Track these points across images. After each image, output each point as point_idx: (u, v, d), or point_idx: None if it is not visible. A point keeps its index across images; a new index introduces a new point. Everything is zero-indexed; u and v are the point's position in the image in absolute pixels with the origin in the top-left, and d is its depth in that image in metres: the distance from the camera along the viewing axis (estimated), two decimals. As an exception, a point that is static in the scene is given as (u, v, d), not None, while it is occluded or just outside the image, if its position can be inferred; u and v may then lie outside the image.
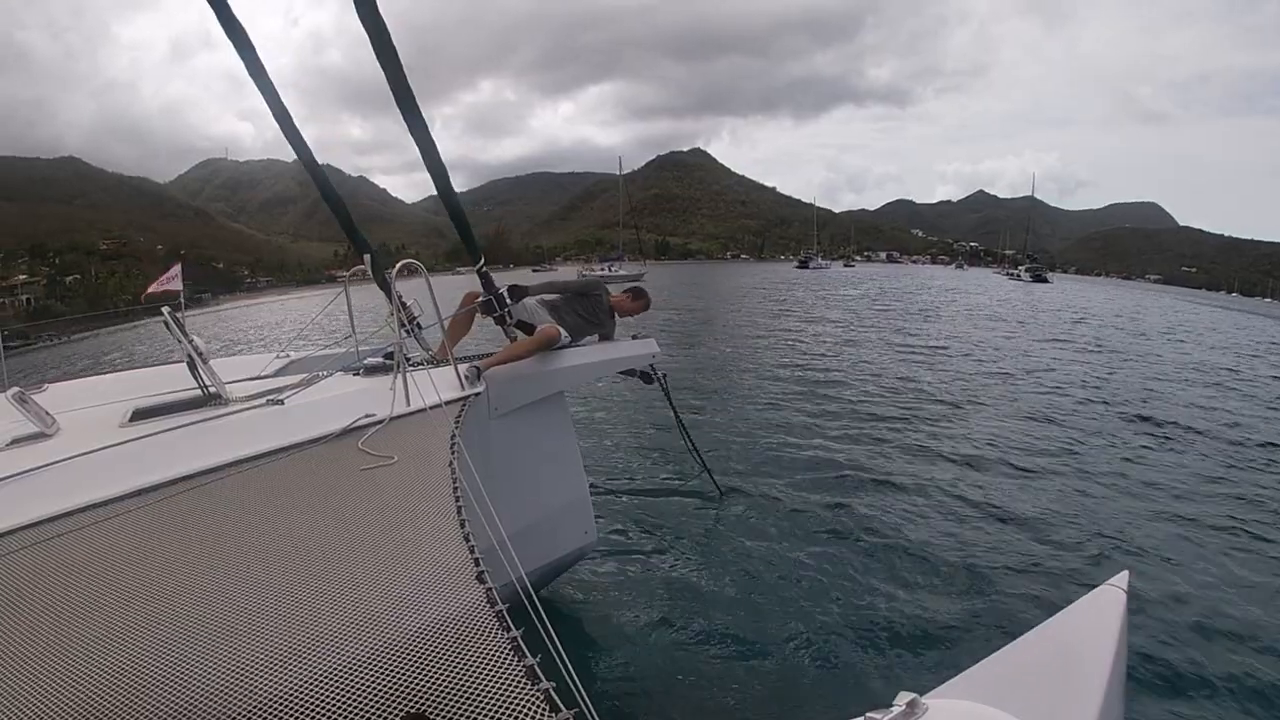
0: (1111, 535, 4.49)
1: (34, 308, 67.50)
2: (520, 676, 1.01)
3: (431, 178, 3.05)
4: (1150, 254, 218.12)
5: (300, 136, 3.31)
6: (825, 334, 16.78)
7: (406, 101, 2.79)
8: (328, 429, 2.32)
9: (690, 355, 13.06)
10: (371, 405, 2.50)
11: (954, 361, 12.31)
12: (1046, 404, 8.60)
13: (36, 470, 1.93)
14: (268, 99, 3.16)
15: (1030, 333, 18.01)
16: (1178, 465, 6.11)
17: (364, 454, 2.14)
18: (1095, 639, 1.28)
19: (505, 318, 3.46)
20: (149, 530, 1.69)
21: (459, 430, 2.26)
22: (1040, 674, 1.24)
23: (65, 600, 1.37)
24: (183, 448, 2.16)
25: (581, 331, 3.67)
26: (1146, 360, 13.41)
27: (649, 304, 4.02)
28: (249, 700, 1.02)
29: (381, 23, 2.64)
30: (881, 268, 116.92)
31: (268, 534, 1.63)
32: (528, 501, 3.15)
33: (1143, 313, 30.03)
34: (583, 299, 3.71)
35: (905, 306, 26.16)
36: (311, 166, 3.47)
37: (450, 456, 2.00)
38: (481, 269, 3.42)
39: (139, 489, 1.91)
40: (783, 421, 7.58)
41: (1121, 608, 1.39)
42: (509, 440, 3.07)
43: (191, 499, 1.88)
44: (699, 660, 3.14)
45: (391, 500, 1.78)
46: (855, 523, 4.64)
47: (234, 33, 2.94)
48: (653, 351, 3.90)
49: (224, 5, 2.85)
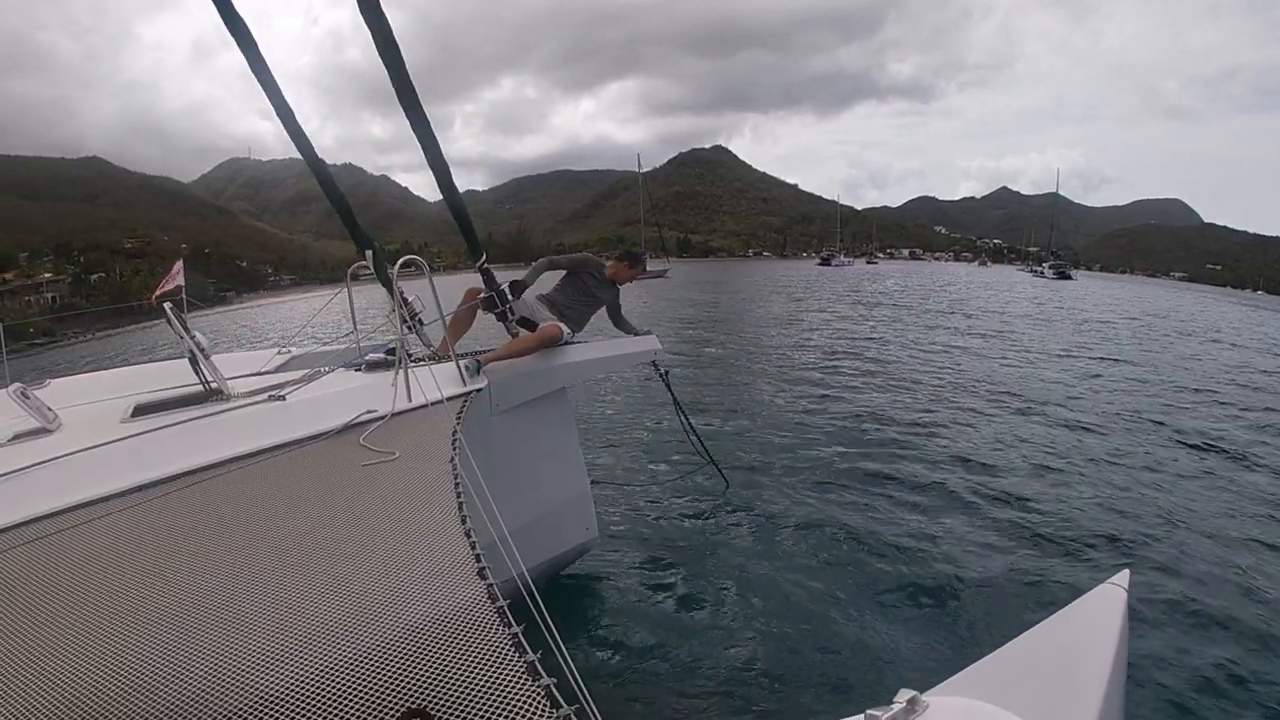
0: (1114, 534, 4.47)
1: (58, 305, 68.38)
2: (521, 672, 1.01)
3: (434, 174, 3.06)
4: (1175, 251, 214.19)
5: (303, 133, 3.33)
6: (845, 331, 16.63)
7: (409, 99, 2.79)
8: (329, 425, 2.32)
9: (708, 350, 13.09)
10: (373, 401, 2.50)
11: (972, 360, 12.13)
12: (1066, 403, 8.47)
13: (38, 466, 1.94)
14: (271, 97, 3.16)
15: (1057, 332, 17.34)
16: (1203, 470, 5.98)
17: (365, 450, 2.14)
18: (1096, 637, 1.28)
19: (507, 314, 3.46)
20: (150, 526, 1.70)
21: (460, 426, 2.26)
22: (1041, 672, 1.24)
23: (66, 595, 1.37)
24: (184, 444, 2.17)
25: (584, 319, 3.68)
26: (1181, 361, 12.91)
27: (645, 267, 4.04)
28: (250, 695, 1.02)
29: (384, 21, 2.64)
30: (904, 265, 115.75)
31: (269, 529, 1.63)
32: (529, 497, 3.16)
33: (1175, 310, 29.27)
34: (576, 278, 3.74)
35: (928, 304, 25.73)
36: (314, 163, 3.48)
37: (452, 452, 2.00)
38: (483, 265, 3.42)
39: (140, 485, 1.92)
40: (793, 417, 7.56)
41: (1122, 606, 1.39)
42: (510, 436, 3.08)
43: (193, 495, 1.88)
44: (700, 656, 3.15)
45: (393, 496, 1.78)
46: (859, 520, 4.63)
47: (238, 32, 2.94)
48: (654, 348, 3.91)
49: (228, 5, 2.85)
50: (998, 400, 8.66)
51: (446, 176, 3.09)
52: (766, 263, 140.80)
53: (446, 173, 3.09)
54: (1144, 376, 10.88)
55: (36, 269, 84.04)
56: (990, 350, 13.51)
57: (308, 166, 3.53)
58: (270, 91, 3.15)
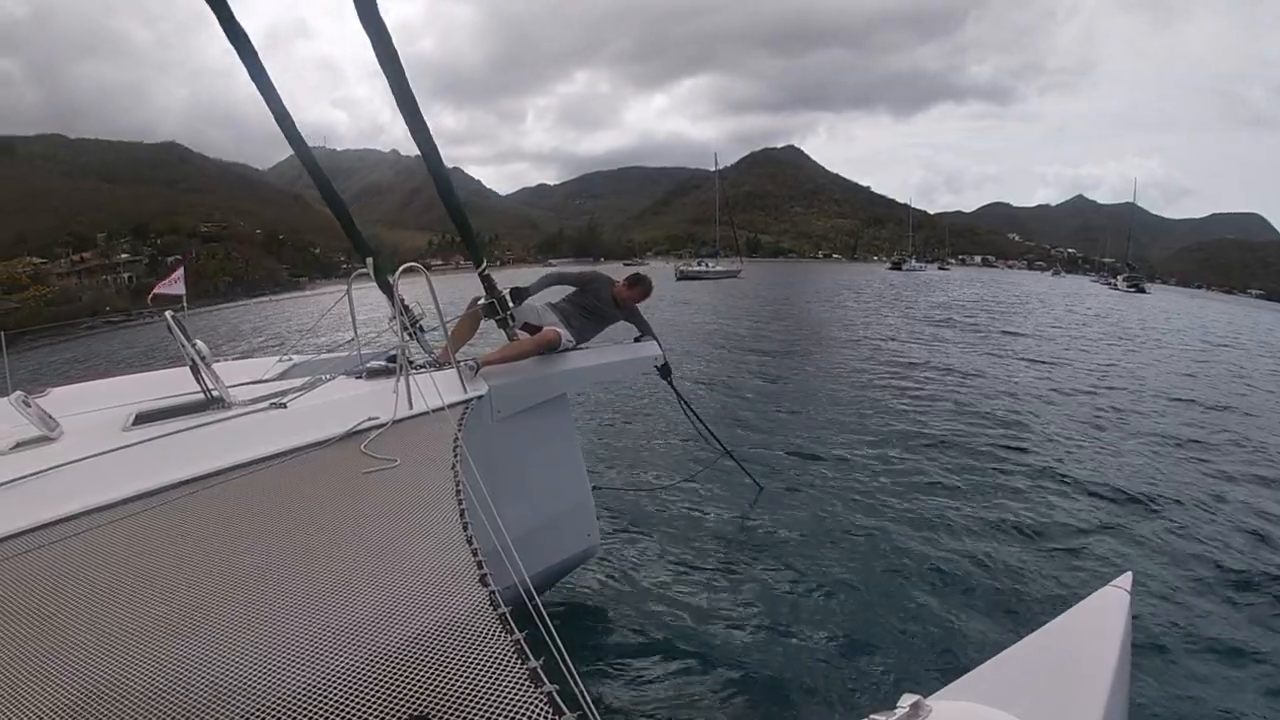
0: (1119, 540, 4.48)
1: (134, 286, 69.93)
2: (523, 679, 1.01)
3: (433, 178, 3.06)
4: (1254, 267, 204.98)
5: (299, 135, 3.34)
6: (915, 339, 15.85)
7: (407, 102, 2.79)
8: (330, 432, 2.32)
9: (779, 348, 13.16)
10: (374, 408, 2.50)
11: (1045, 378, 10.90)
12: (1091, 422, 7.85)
13: (40, 474, 1.93)
14: (264, 95, 3.17)
15: (1158, 357, 14.52)
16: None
17: (367, 457, 2.13)
18: (1099, 640, 1.29)
19: (508, 320, 3.46)
20: (151, 534, 1.69)
21: (461, 433, 2.26)
22: (1044, 675, 1.25)
23: (68, 603, 1.37)
24: (185, 451, 2.17)
25: (588, 331, 3.67)
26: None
27: (649, 290, 3.95)
28: (251, 703, 1.02)
29: (382, 25, 2.64)
30: (977, 272, 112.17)
31: (270, 537, 1.63)
32: (531, 504, 3.16)
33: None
34: (584, 293, 3.75)
35: (1011, 320, 22.08)
36: (309, 163, 3.49)
37: (453, 459, 2.00)
38: (483, 272, 3.43)
39: (141, 493, 1.91)
40: (824, 423, 7.54)
41: (1125, 609, 1.39)
42: (511, 443, 3.08)
43: (194, 503, 1.88)
44: (702, 662, 3.14)
45: (394, 503, 1.78)
46: (859, 525, 4.63)
47: (231, 31, 2.94)
48: (655, 354, 3.90)
49: (222, 3, 2.85)
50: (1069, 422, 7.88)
51: (446, 182, 3.10)
52: (837, 265, 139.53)
53: (446, 179, 3.10)
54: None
55: (114, 250, 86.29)
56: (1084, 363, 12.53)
57: (304, 167, 3.55)
58: (265, 91, 3.15)
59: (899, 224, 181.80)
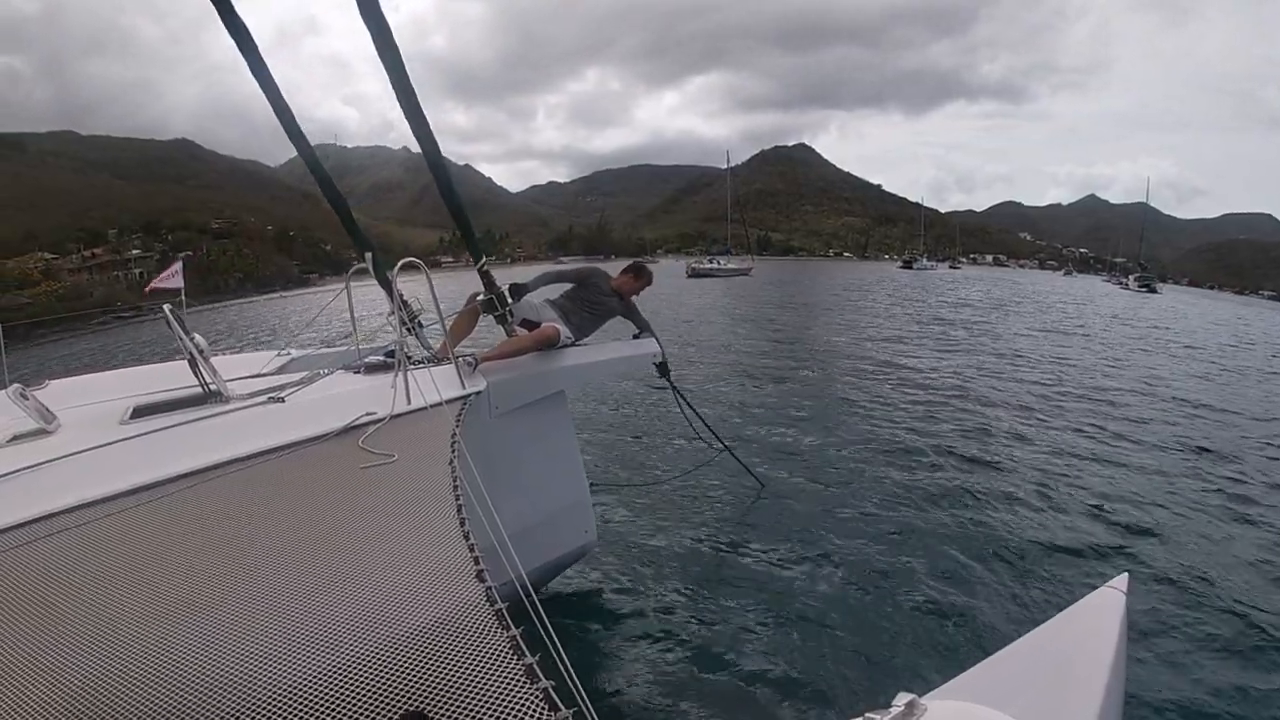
0: (1120, 538, 4.45)
1: (145, 281, 70.75)
2: (519, 675, 1.01)
3: (433, 174, 3.06)
4: (1266, 268, 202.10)
5: (301, 132, 3.34)
6: (924, 339, 15.66)
7: (408, 98, 2.79)
8: (328, 427, 2.32)
9: (788, 347, 13.17)
10: (372, 404, 2.50)
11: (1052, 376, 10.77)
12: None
13: (37, 467, 1.94)
14: (265, 90, 3.17)
15: (1173, 357, 14.34)
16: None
17: (364, 452, 2.14)
18: (1094, 641, 1.27)
19: (506, 316, 3.46)
20: (149, 527, 1.69)
21: (459, 429, 2.26)
22: (1039, 676, 1.24)
23: (64, 597, 1.37)
24: (183, 445, 2.17)
25: (587, 327, 3.67)
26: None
27: (650, 280, 3.99)
28: (247, 697, 1.03)
29: (383, 19, 2.64)
30: (989, 271, 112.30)
31: (267, 531, 1.63)
32: (528, 500, 3.16)
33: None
34: (583, 288, 3.75)
35: (1023, 319, 21.85)
36: (309, 158, 3.49)
37: (451, 455, 2.00)
38: (483, 268, 3.42)
39: (139, 486, 1.92)
40: (829, 422, 7.48)
41: (1121, 610, 1.38)
42: (509, 439, 3.08)
43: (191, 496, 1.88)
44: (698, 659, 3.14)
45: (391, 498, 1.78)
46: (855, 524, 4.62)
47: (233, 26, 2.94)
48: (653, 351, 3.90)
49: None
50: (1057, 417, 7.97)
51: (446, 179, 3.11)
52: (848, 264, 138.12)
53: (446, 176, 3.10)
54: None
55: (125, 246, 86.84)
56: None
57: (305, 164, 3.56)
58: (266, 88, 3.16)
59: (910, 223, 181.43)
